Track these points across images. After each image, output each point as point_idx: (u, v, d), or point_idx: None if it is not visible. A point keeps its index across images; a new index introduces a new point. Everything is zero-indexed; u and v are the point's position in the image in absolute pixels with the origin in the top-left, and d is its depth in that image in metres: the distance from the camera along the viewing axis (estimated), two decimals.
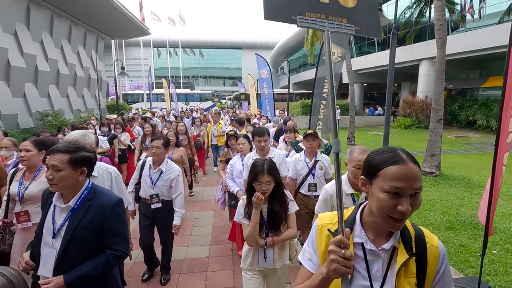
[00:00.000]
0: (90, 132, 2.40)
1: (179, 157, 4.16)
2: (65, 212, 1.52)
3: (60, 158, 1.47)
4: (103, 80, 18.90)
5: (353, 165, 1.95)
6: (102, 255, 1.54)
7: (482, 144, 12.15)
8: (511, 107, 2.64)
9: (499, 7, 14.90)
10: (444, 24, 6.79)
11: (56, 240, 1.50)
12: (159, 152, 2.88)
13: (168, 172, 2.91)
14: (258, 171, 1.84)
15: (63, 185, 1.48)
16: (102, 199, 1.57)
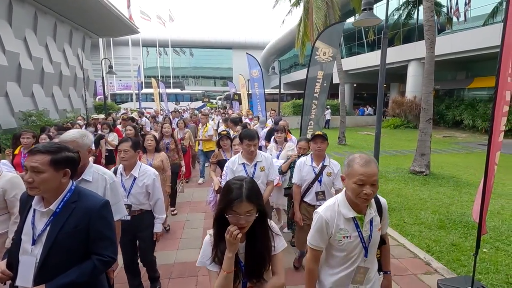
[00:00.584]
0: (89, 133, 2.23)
1: (160, 164, 3.75)
2: (46, 217, 1.41)
3: (40, 159, 1.36)
4: (90, 80, 18.46)
5: (354, 181, 1.45)
6: (88, 261, 1.44)
7: (468, 144, 12.41)
8: (502, 107, 2.66)
9: (483, 10, 15.27)
10: (433, 25, 6.87)
11: (36, 247, 1.39)
12: (128, 156, 2.56)
13: (142, 177, 2.60)
14: (233, 196, 1.25)
15: (45, 188, 1.37)
16: (87, 202, 1.47)
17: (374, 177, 1.42)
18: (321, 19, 11.99)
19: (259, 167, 2.90)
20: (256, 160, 2.90)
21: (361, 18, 4.80)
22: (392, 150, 11.02)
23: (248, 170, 2.88)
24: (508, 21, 2.47)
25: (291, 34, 26.29)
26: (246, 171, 2.88)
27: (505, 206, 5.09)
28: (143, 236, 2.70)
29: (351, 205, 1.54)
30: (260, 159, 2.92)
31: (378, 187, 1.46)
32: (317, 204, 2.90)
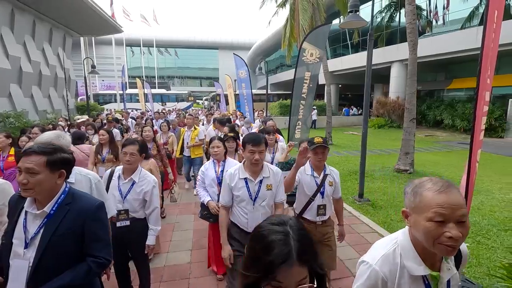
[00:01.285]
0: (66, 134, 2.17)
1: (148, 172, 3.37)
2: (40, 219, 1.38)
3: (36, 160, 1.34)
4: (71, 80, 17.88)
5: (429, 216, 0.93)
6: (83, 264, 1.42)
7: (449, 142, 12.89)
8: (483, 107, 2.78)
9: (461, 14, 15.93)
10: (415, 28, 7.10)
11: (28, 250, 1.36)
12: (134, 160, 2.41)
13: (141, 183, 2.43)
14: (277, 258, 0.72)
15: (40, 189, 1.35)
16: (82, 203, 1.46)
17: (461, 209, 0.92)
18: (307, 20, 12.14)
19: (266, 184, 2.24)
20: (262, 175, 2.24)
21: (348, 20, 4.91)
22: (376, 149, 11.29)
23: (251, 188, 2.22)
24: (488, 26, 2.58)
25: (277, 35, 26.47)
26: (248, 189, 2.22)
27: (484, 202, 5.33)
28: (133, 247, 2.50)
29: (421, 255, 1.02)
30: (267, 174, 2.26)
31: (469, 226, 0.93)
32: (317, 220, 2.52)
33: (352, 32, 19.51)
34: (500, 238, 3.92)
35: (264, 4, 15.82)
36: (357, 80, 23.53)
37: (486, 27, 2.59)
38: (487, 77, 2.78)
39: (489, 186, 6.26)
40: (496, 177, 7.00)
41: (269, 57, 40.36)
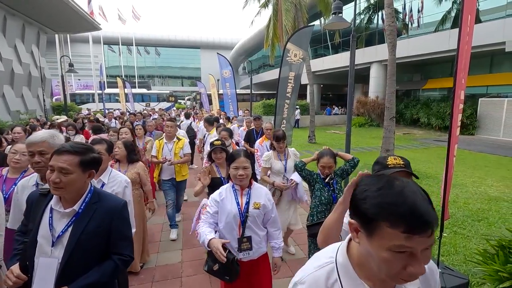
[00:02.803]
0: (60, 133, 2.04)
1: (136, 177, 3.09)
2: (67, 217, 1.39)
3: (69, 160, 1.35)
4: (46, 78, 17.11)
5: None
6: (109, 261, 1.44)
7: (425, 140, 13.51)
8: (458, 105, 2.98)
9: (434, 17, 16.73)
10: (394, 30, 7.39)
11: (56, 248, 1.36)
12: (103, 160, 2.30)
13: (111, 184, 2.31)
14: None
15: (71, 189, 1.37)
16: (109, 202, 1.49)
17: None
18: (290, 21, 12.31)
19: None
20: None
21: (332, 21, 5.05)
22: (358, 147, 11.64)
23: None
24: (462, 29, 2.77)
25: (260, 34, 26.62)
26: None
27: (460, 195, 5.66)
28: None
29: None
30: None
31: None
32: None
33: (332, 33, 19.98)
34: (474, 228, 4.19)
35: (247, 4, 15.87)
36: (338, 80, 24.15)
37: (461, 30, 2.77)
38: (462, 77, 2.97)
39: (463, 180, 6.65)
40: (469, 172, 7.44)
41: (251, 57, 40.48)
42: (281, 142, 3.39)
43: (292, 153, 3.60)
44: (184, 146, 4.20)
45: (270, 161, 3.46)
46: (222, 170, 2.85)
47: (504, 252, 2.40)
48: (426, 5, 16.95)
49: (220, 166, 2.87)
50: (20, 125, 4.16)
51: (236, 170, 1.99)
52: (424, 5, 17.04)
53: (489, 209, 4.90)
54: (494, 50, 13.14)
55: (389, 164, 1.41)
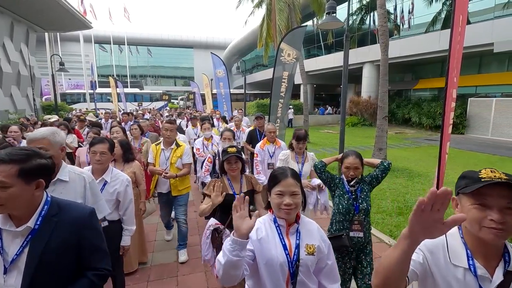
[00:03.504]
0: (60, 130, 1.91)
1: (132, 176, 3.04)
2: (21, 237, 1.16)
3: (5, 171, 1.09)
4: (36, 78, 16.79)
5: None
6: (83, 279, 1.25)
7: (416, 139, 13.73)
8: (450, 103, 3.04)
9: (425, 19, 17.01)
10: (386, 30, 7.50)
11: (10, 276, 1.14)
12: (105, 159, 2.29)
13: (114, 182, 2.33)
14: None
15: (13, 205, 1.13)
16: (73, 212, 1.26)
17: None
18: (283, 21, 12.35)
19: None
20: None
21: (325, 21, 5.10)
22: (351, 146, 11.75)
23: None
24: (454, 29, 2.82)
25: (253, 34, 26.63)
26: None
27: None
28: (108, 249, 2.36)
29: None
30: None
31: None
32: None
33: (325, 34, 20.13)
34: None
35: (241, 4, 15.86)
36: (331, 80, 24.33)
37: (453, 30, 2.83)
38: (454, 76, 3.03)
39: (454, 178, 6.71)
40: (459, 170, 7.55)
41: (245, 57, 40.49)
42: (301, 142, 3.09)
43: (311, 157, 3.27)
44: (183, 155, 3.46)
45: (287, 161, 3.17)
46: (235, 184, 2.37)
47: None
48: (416, 7, 17.23)
49: (233, 179, 2.39)
50: (16, 124, 4.09)
51: (280, 197, 1.34)
52: (415, 7, 17.31)
53: None
54: (483, 51, 13.43)
55: (483, 178, 0.96)
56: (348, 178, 2.26)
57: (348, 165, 2.27)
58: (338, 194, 2.30)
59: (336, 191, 2.33)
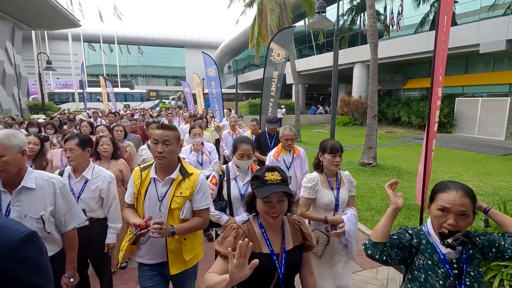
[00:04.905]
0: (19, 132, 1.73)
1: (118, 174, 3.01)
2: None
3: None
4: (22, 76, 16.40)
5: None
6: None
7: (406, 138, 13.95)
8: (436, 101, 3.10)
9: (414, 20, 17.32)
10: (375, 30, 7.60)
11: None
12: (75, 155, 2.19)
13: (95, 180, 2.25)
14: None
15: None
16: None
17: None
18: (275, 20, 12.39)
19: None
20: None
21: (315, 20, 5.14)
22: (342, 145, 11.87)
23: None
24: (439, 28, 2.88)
25: (245, 34, 26.59)
26: None
27: None
28: (93, 248, 2.30)
29: None
30: None
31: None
32: None
33: (317, 34, 20.27)
34: None
35: (232, 3, 15.85)
36: (323, 80, 24.51)
37: (438, 29, 2.89)
38: (439, 74, 3.10)
39: (441, 176, 6.92)
40: (446, 168, 7.75)
41: (237, 57, 40.42)
42: (337, 155, 2.19)
43: (347, 179, 2.35)
44: (195, 192, 1.80)
45: (316, 189, 2.22)
46: (273, 236, 1.35)
47: None
48: (406, 8, 17.51)
49: (272, 228, 1.36)
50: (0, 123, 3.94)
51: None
52: (404, 8, 17.59)
53: None
54: (469, 51, 13.75)
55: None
56: (444, 231, 1.23)
57: (446, 204, 1.23)
58: (425, 264, 1.29)
59: (416, 261, 1.32)
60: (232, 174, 2.35)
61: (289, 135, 3.18)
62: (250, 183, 1.47)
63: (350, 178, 2.40)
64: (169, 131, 1.76)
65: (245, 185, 2.33)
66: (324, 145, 2.28)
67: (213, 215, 2.27)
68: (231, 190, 2.31)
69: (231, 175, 2.35)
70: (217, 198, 2.31)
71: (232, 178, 2.34)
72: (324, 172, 2.29)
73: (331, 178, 2.28)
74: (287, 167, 3.23)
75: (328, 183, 2.26)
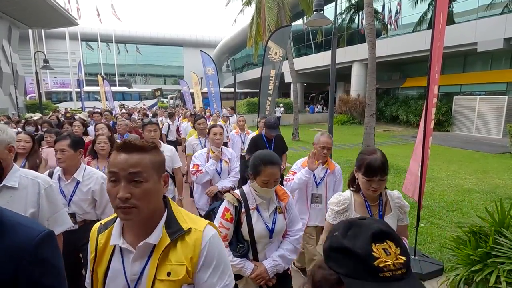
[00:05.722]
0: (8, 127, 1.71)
1: None
2: None
3: None
4: (19, 75, 16.32)
5: None
6: None
7: (404, 136, 13.99)
8: (432, 99, 3.11)
9: (412, 19, 17.34)
10: (373, 29, 7.59)
11: None
12: (66, 157, 2.11)
13: (87, 181, 2.17)
14: None
15: None
16: (15, 238, 0.84)
17: None
18: (273, 19, 12.37)
19: None
20: None
21: (313, 18, 5.13)
22: (341, 144, 11.89)
23: None
24: (435, 26, 2.89)
25: (243, 32, 26.55)
26: None
27: (435, 187, 5.91)
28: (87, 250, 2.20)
29: None
30: None
31: None
32: None
33: (315, 32, 20.26)
34: (449, 218, 4.39)
35: (230, 2, 15.80)
36: (321, 79, 24.51)
37: (434, 27, 2.90)
38: (435, 72, 3.11)
39: (439, 174, 6.95)
40: (444, 166, 7.78)
41: (235, 56, 40.35)
42: (375, 180, 1.55)
43: (396, 203, 1.73)
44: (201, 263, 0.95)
45: (347, 214, 1.70)
46: None
47: (475, 237, 2.53)
48: (404, 7, 17.52)
49: None
50: None
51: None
52: (402, 7, 17.60)
53: (462, 200, 5.14)
54: (467, 50, 13.78)
55: None
56: None
57: None
58: None
59: None
60: (251, 203, 1.69)
61: (327, 143, 2.52)
62: None
63: (401, 202, 1.73)
64: (140, 154, 0.92)
65: (272, 216, 1.70)
66: (360, 161, 1.61)
67: (233, 265, 1.60)
68: (254, 225, 1.66)
69: (250, 204, 1.68)
70: (234, 239, 1.69)
71: (252, 208, 1.68)
72: (361, 192, 1.67)
73: (372, 202, 1.66)
74: (316, 183, 2.61)
75: (366, 208, 1.64)
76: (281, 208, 1.74)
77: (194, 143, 4.02)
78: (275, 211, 1.72)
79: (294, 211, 1.82)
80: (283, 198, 1.77)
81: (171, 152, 3.07)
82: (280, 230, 1.72)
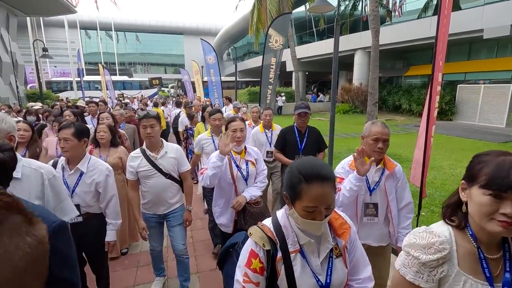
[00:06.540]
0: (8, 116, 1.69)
1: (118, 161, 2.97)
2: None
3: None
4: (19, 64, 16.21)
5: None
6: None
7: (406, 125, 13.90)
8: (436, 87, 3.06)
9: (417, 5, 16.92)
10: (377, 15, 7.44)
11: None
12: (69, 146, 2.02)
13: (91, 173, 2.11)
14: None
15: None
16: None
17: None
18: (274, 6, 12.14)
19: None
20: None
21: (316, 4, 5.01)
22: (342, 133, 11.84)
23: None
24: (441, 15, 2.81)
25: (245, 20, 26.09)
26: None
27: (437, 176, 5.91)
28: (90, 246, 2.20)
29: None
30: None
31: None
32: None
33: (317, 20, 19.88)
34: None
35: None
36: (323, 67, 24.23)
37: (440, 13, 2.82)
38: (440, 60, 3.05)
39: (441, 163, 6.93)
40: (446, 155, 7.75)
41: (236, 44, 39.81)
42: None
43: None
44: None
45: (445, 273, 0.91)
46: None
47: None
48: None
49: None
50: None
51: None
52: None
53: None
54: (473, 37, 13.50)
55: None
56: None
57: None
58: None
59: None
60: (291, 242, 1.09)
61: (381, 133, 1.91)
62: None
63: None
64: None
65: (326, 263, 1.10)
66: (478, 168, 0.91)
67: None
68: (298, 279, 1.06)
69: (290, 245, 1.09)
70: None
71: (293, 251, 1.08)
72: (471, 230, 0.93)
73: (489, 251, 0.91)
74: (370, 189, 1.95)
75: (481, 263, 0.89)
76: (340, 248, 1.13)
77: (205, 141, 3.32)
78: (330, 254, 1.11)
79: (358, 249, 1.19)
80: (341, 232, 1.14)
81: (177, 153, 2.47)
82: (339, 284, 1.11)
